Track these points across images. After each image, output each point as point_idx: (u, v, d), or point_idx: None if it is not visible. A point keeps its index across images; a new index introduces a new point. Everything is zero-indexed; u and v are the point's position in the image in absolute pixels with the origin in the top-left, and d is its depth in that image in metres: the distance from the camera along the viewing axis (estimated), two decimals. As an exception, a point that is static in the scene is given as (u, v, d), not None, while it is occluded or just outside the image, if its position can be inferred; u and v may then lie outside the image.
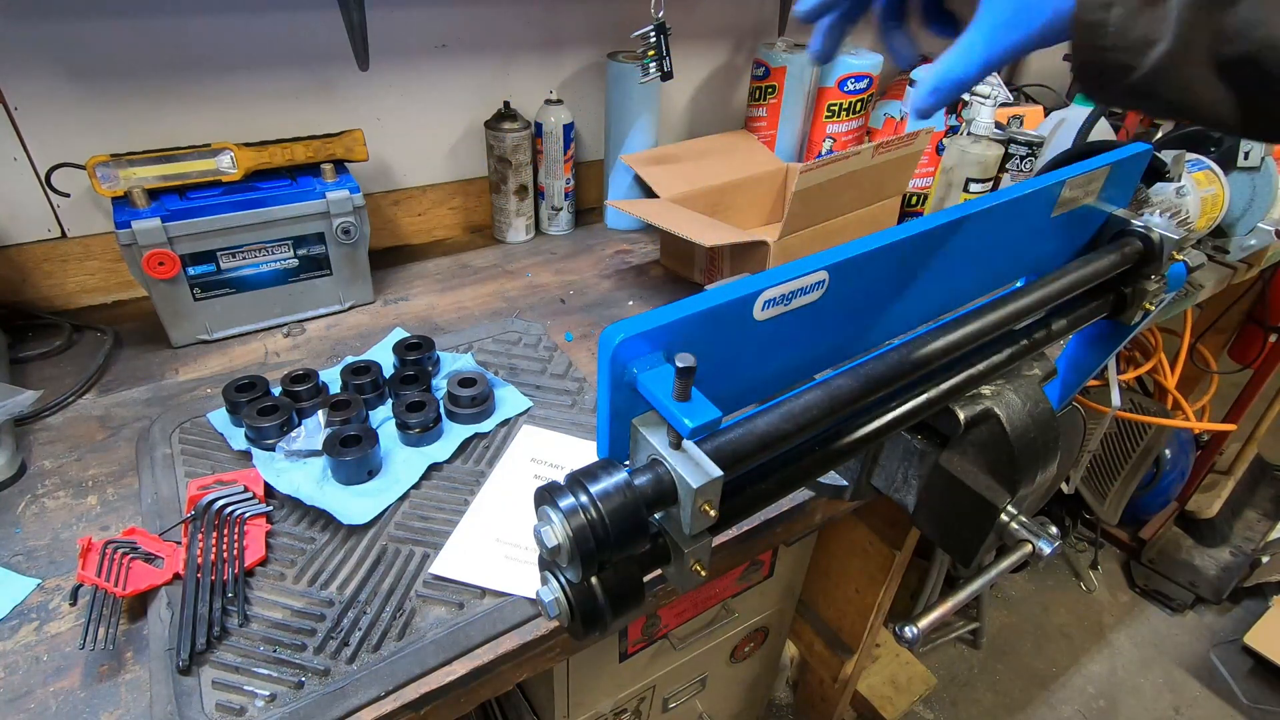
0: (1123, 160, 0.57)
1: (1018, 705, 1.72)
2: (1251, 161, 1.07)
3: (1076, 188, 0.54)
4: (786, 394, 0.42)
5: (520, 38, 1.14)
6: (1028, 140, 1.11)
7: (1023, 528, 0.53)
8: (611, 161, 1.22)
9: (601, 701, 0.94)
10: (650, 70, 1.07)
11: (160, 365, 0.88)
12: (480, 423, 0.80)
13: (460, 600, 0.61)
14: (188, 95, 0.93)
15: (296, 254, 0.93)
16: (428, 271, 1.12)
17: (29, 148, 0.87)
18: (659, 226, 1.00)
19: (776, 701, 1.63)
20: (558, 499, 0.34)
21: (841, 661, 1.26)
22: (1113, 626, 1.92)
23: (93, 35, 0.85)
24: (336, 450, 0.70)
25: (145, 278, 0.84)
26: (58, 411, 0.80)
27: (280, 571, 0.63)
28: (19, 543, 0.65)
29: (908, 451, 0.54)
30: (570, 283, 1.10)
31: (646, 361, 0.35)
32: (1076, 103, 1.22)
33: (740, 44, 1.37)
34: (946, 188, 1.11)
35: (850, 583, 1.17)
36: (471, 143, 1.18)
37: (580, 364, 0.91)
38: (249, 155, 0.90)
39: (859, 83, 1.29)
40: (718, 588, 0.95)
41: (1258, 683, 1.78)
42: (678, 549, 0.37)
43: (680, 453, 0.35)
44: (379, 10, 0.98)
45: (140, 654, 0.57)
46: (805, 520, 0.76)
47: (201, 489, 0.67)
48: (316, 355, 0.91)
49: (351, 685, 0.54)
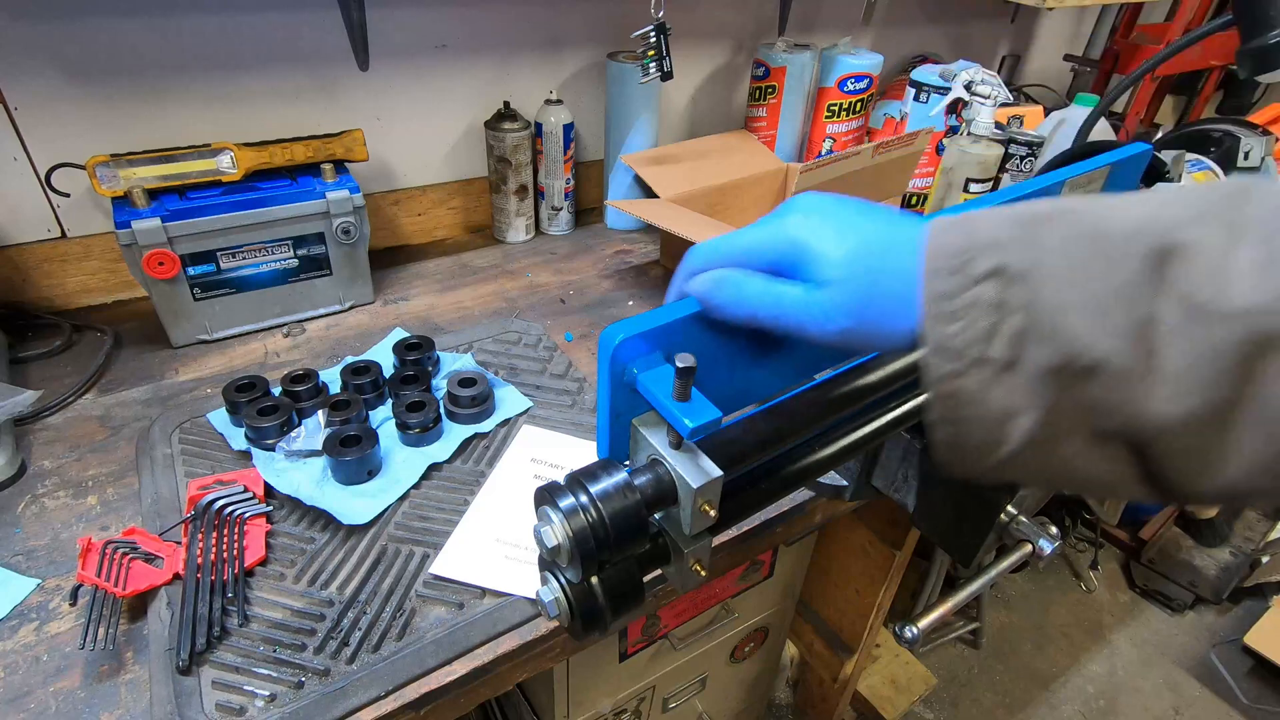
0: (1123, 160, 0.57)
1: (1018, 705, 1.72)
2: (1251, 162, 1.07)
3: (1076, 188, 0.54)
4: (787, 394, 0.42)
5: (520, 38, 1.14)
6: (1028, 140, 1.11)
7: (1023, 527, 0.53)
8: (611, 161, 1.22)
9: (601, 701, 0.94)
10: (650, 70, 1.07)
11: (160, 365, 0.88)
12: (480, 423, 0.80)
13: (460, 600, 0.61)
14: (188, 95, 0.93)
15: (296, 254, 0.93)
16: (428, 271, 1.12)
17: (29, 148, 0.87)
18: (659, 226, 1.00)
19: (776, 701, 1.63)
20: (558, 499, 0.34)
21: (841, 661, 1.26)
22: (1113, 626, 1.92)
23: (93, 35, 0.85)
24: (336, 450, 0.70)
25: (145, 278, 0.84)
26: (58, 411, 0.80)
27: (280, 571, 0.63)
28: (19, 543, 0.65)
29: (908, 451, 0.54)
30: (570, 283, 1.10)
31: (646, 361, 0.35)
32: (1077, 103, 1.22)
33: (740, 44, 1.37)
34: (946, 188, 1.11)
35: (850, 583, 1.17)
36: (471, 143, 1.18)
37: (580, 364, 0.91)
38: (249, 155, 0.90)
39: (859, 83, 1.29)
40: (718, 588, 0.95)
41: (1258, 683, 1.78)
42: (678, 549, 0.37)
43: (680, 453, 0.35)
44: (379, 10, 0.98)
45: (140, 654, 0.57)
46: (805, 520, 0.76)
47: (201, 489, 0.67)
48: (316, 355, 0.91)
49: (351, 685, 0.54)
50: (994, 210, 0.31)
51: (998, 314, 0.29)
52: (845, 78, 1.28)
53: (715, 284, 0.36)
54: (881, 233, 0.33)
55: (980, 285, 0.29)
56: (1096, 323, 0.28)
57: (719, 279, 0.36)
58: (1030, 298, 0.29)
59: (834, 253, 0.33)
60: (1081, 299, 0.28)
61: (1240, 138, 1.07)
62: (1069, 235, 0.29)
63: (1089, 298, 0.28)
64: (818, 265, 0.34)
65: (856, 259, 0.33)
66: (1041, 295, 0.28)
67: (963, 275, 0.30)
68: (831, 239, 0.34)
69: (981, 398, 0.30)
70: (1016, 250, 0.29)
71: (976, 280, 0.30)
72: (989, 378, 0.29)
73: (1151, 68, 0.92)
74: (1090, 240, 0.29)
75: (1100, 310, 0.28)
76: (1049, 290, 0.28)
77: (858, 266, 0.33)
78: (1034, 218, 0.30)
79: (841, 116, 1.33)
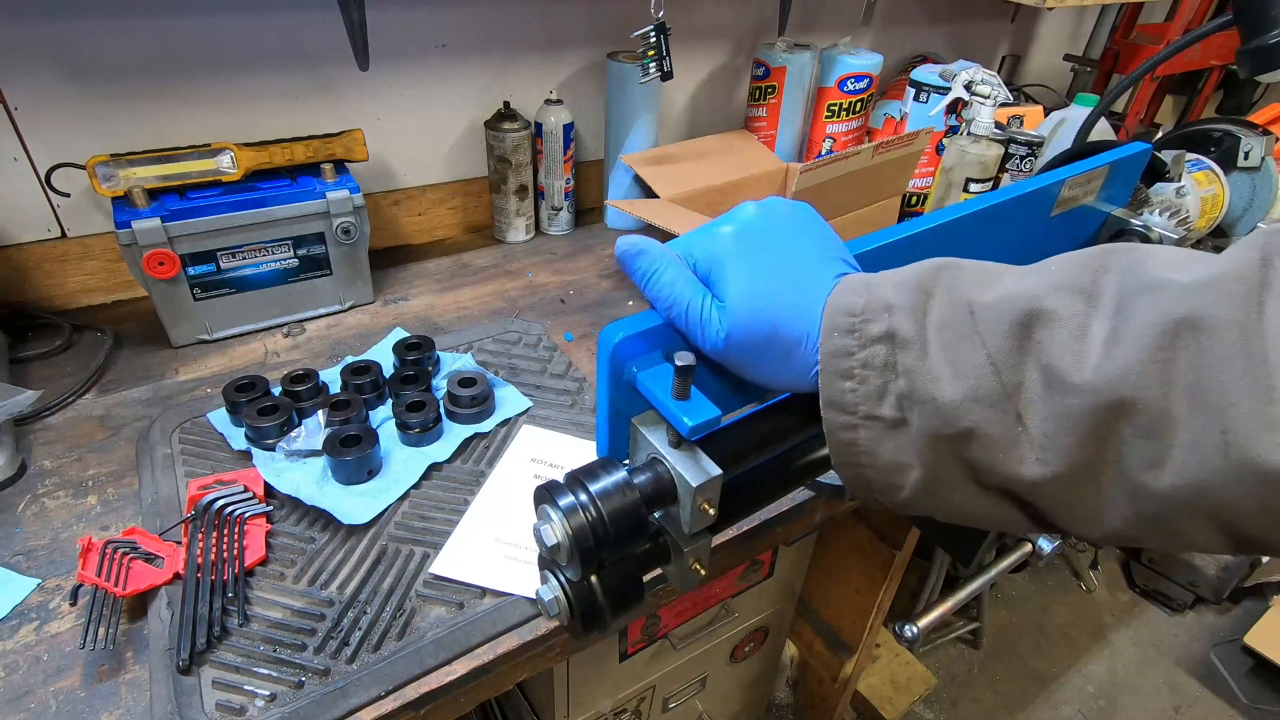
0: (1122, 160, 0.57)
1: (1018, 705, 1.72)
2: (1252, 161, 1.07)
3: (1076, 187, 0.54)
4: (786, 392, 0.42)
5: (520, 38, 1.14)
6: (1028, 140, 1.11)
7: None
8: (611, 161, 1.22)
9: (601, 701, 0.94)
10: (650, 70, 1.07)
11: (160, 365, 0.88)
12: (480, 423, 0.80)
13: (460, 600, 0.61)
14: (188, 95, 0.93)
15: (296, 254, 0.93)
16: (428, 271, 1.12)
17: (29, 148, 0.87)
18: (659, 226, 1.00)
19: (776, 701, 1.63)
20: (557, 498, 0.34)
21: (841, 661, 1.26)
22: (1113, 626, 1.92)
23: (93, 35, 0.85)
24: (336, 450, 0.70)
25: (145, 278, 0.84)
26: (58, 411, 0.80)
27: (280, 571, 0.63)
28: (19, 543, 0.65)
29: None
30: (570, 283, 1.10)
31: (646, 360, 0.35)
32: (1077, 102, 1.22)
33: (740, 44, 1.37)
34: (946, 188, 1.11)
35: (850, 582, 1.17)
36: (471, 143, 1.18)
37: (580, 364, 0.91)
38: (249, 155, 0.90)
39: (859, 83, 1.29)
40: (718, 588, 0.95)
41: (1258, 683, 1.78)
42: (677, 548, 0.37)
43: (680, 451, 0.35)
44: (379, 10, 0.98)
45: (140, 654, 0.57)
46: (805, 520, 0.76)
47: (201, 489, 0.67)
48: (316, 355, 0.91)
49: (351, 685, 0.54)
50: (898, 272, 0.33)
51: (887, 375, 0.31)
52: (845, 78, 1.28)
53: (636, 252, 0.37)
54: (793, 280, 0.34)
55: (872, 347, 0.31)
56: (969, 392, 0.29)
57: (642, 249, 0.36)
58: (913, 364, 0.30)
59: (743, 284, 0.34)
60: (954, 370, 0.29)
61: (1240, 137, 1.06)
62: (948, 308, 0.31)
63: (964, 368, 0.29)
64: (726, 286, 0.35)
65: (759, 297, 0.34)
66: (923, 365, 0.30)
67: (859, 335, 0.31)
68: (744, 270, 0.34)
69: (873, 450, 0.32)
70: (905, 317, 0.31)
71: (870, 342, 0.31)
72: (879, 433, 0.31)
73: (1151, 68, 0.91)
74: (967, 313, 0.30)
75: (973, 379, 0.29)
76: (929, 361, 0.30)
77: (759, 304, 0.34)
78: (922, 287, 0.32)
79: (841, 116, 1.33)
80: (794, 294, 0.34)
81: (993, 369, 0.29)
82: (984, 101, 1.07)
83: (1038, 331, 0.29)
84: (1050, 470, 0.28)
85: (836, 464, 0.34)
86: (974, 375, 0.29)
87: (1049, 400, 0.28)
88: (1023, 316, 0.29)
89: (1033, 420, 0.28)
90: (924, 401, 0.30)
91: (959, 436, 0.30)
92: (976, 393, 0.29)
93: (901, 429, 0.31)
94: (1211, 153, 1.08)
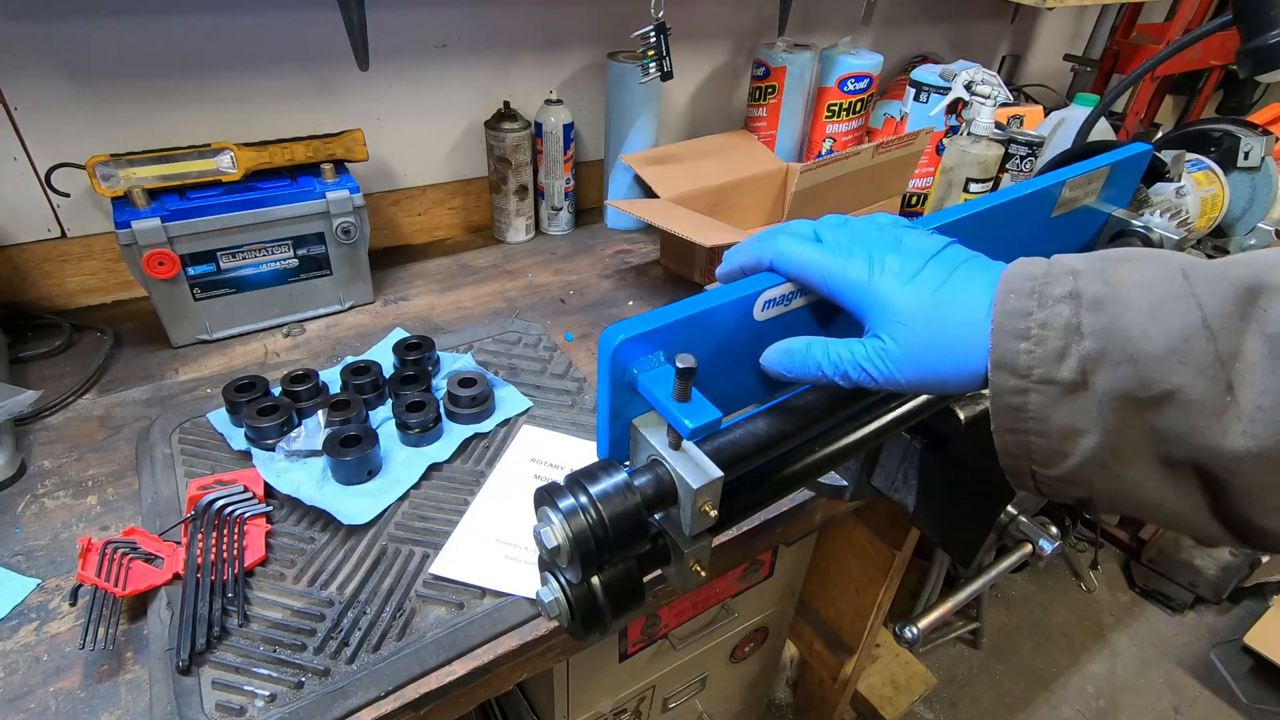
0: (1123, 160, 0.57)
1: (1018, 705, 1.72)
2: (1251, 161, 1.07)
3: (1077, 188, 0.54)
4: (786, 394, 0.42)
5: (520, 38, 1.14)
6: (1028, 140, 1.11)
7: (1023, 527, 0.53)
8: (611, 161, 1.22)
9: (601, 701, 0.94)
10: (650, 70, 1.07)
11: (160, 365, 0.88)
12: (480, 423, 0.79)
13: (460, 600, 0.61)
14: (188, 95, 0.93)
15: (296, 254, 0.93)
16: (428, 271, 1.12)
17: (29, 148, 0.87)
18: (659, 226, 1.00)
19: (776, 701, 1.63)
20: (557, 500, 0.34)
21: (841, 661, 1.26)
22: (1113, 626, 1.92)
23: (93, 35, 0.85)
24: (336, 450, 0.70)
25: (145, 278, 0.84)
26: (58, 411, 0.80)
27: (280, 571, 0.63)
28: (19, 543, 0.65)
29: (908, 451, 0.54)
30: (570, 283, 1.10)
31: (646, 362, 0.35)
32: (1077, 103, 1.22)
33: (740, 44, 1.37)
34: (946, 188, 1.11)
35: (850, 583, 1.17)
36: (471, 143, 1.18)
37: (580, 364, 0.91)
38: (249, 155, 0.90)
39: (859, 83, 1.29)
40: (718, 588, 0.95)
41: (1258, 683, 1.78)
42: (678, 549, 0.37)
43: (680, 453, 0.35)
44: (379, 10, 0.98)
45: (140, 654, 0.57)
46: (805, 520, 0.76)
47: (201, 489, 0.67)
48: (316, 355, 0.91)
49: (351, 685, 0.54)
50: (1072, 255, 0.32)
51: (1069, 336, 0.30)
52: (845, 78, 1.28)
53: (784, 354, 0.38)
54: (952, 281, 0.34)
55: (1055, 307, 0.30)
56: (1175, 353, 0.28)
57: (786, 351, 0.38)
58: (1106, 324, 0.29)
59: (902, 304, 0.34)
60: (1162, 329, 0.28)
61: (1240, 138, 1.06)
62: (1155, 267, 0.30)
63: (1170, 329, 0.28)
64: (884, 316, 0.35)
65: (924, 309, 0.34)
66: (1119, 322, 0.29)
67: (1038, 296, 0.31)
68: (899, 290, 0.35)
69: (1044, 415, 0.30)
70: (1094, 280, 0.30)
71: (1052, 302, 0.30)
72: (1054, 397, 0.30)
73: (1151, 68, 0.91)
74: (1180, 276, 0.29)
75: (1181, 340, 0.28)
76: (1128, 318, 0.29)
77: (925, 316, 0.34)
78: (1111, 258, 0.31)
79: (841, 116, 1.33)
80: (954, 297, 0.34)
81: (1207, 333, 0.28)
82: (984, 101, 1.07)
83: (1265, 300, 0.27)
84: (1257, 444, 0.27)
85: (996, 428, 0.32)
86: (1183, 336, 0.28)
87: (1272, 373, 0.27)
88: (1251, 282, 0.28)
89: (1247, 392, 0.27)
90: (1118, 362, 0.29)
91: (1155, 400, 0.28)
92: (1185, 355, 0.28)
93: (1080, 393, 0.30)
94: (1211, 153, 1.08)
